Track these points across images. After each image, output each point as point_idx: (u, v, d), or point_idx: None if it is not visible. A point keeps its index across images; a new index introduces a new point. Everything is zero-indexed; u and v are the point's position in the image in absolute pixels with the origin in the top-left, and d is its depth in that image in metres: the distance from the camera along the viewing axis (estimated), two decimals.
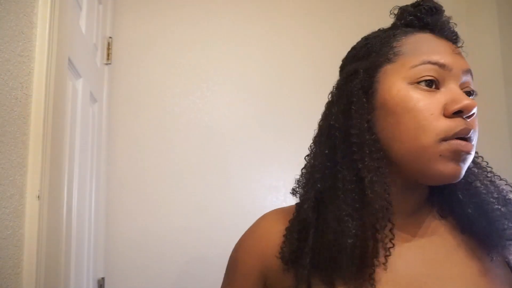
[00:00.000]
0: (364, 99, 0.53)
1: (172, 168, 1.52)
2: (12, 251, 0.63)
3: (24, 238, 0.68)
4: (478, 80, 2.10)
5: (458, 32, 0.59)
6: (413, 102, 0.50)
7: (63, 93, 0.87)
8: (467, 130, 0.49)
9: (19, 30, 0.67)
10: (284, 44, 1.65)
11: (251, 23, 1.67)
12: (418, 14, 0.57)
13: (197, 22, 1.64)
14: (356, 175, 0.51)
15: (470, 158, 0.50)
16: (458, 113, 0.49)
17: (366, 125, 0.51)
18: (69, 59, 0.93)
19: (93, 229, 1.27)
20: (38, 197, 0.70)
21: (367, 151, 0.50)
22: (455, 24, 0.59)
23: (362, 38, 0.61)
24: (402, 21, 0.58)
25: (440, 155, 0.48)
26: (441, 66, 0.51)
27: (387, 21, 0.62)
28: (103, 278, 1.38)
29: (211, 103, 1.59)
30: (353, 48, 0.61)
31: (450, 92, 0.50)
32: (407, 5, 0.59)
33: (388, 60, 0.54)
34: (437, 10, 0.58)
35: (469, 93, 0.53)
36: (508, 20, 1.66)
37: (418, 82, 0.51)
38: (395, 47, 0.54)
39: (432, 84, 0.51)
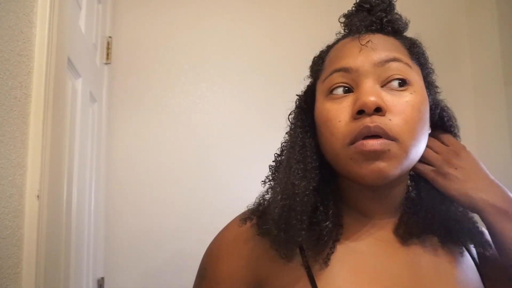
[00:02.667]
0: (305, 119, 0.58)
1: (171, 168, 1.52)
2: (11, 251, 0.63)
3: (24, 238, 0.68)
4: (479, 80, 2.10)
5: (458, 32, 0.59)
6: (325, 113, 0.52)
7: (62, 92, 0.87)
8: (368, 128, 0.47)
9: (19, 30, 0.67)
10: (284, 44, 1.65)
11: (251, 23, 1.66)
12: (346, 20, 0.59)
13: (197, 22, 1.64)
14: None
15: (392, 152, 0.47)
16: (362, 113, 0.48)
17: (305, 142, 0.56)
18: (69, 59, 0.93)
19: (92, 228, 1.27)
20: (38, 196, 0.70)
21: (302, 163, 0.55)
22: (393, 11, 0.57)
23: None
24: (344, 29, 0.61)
25: (351, 159, 0.49)
26: (346, 70, 0.51)
27: None
28: (102, 278, 1.38)
29: (211, 103, 1.59)
30: (312, 60, 0.63)
31: (357, 94, 0.50)
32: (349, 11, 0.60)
33: (318, 78, 0.57)
34: (361, 7, 0.58)
35: (402, 82, 0.50)
36: (508, 20, 1.66)
37: (331, 92, 0.52)
38: (324, 62, 0.57)
39: (344, 89, 0.51)
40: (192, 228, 1.47)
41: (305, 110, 0.59)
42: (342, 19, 0.60)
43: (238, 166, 1.55)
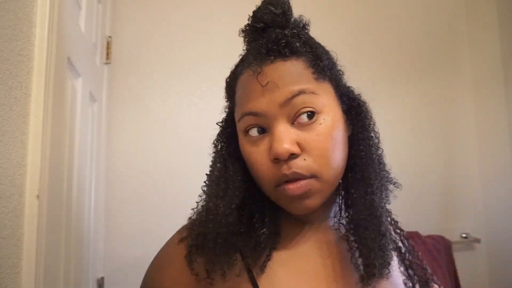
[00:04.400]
0: (229, 143, 0.59)
1: (171, 168, 1.52)
2: (11, 251, 0.63)
3: (24, 238, 0.68)
4: (479, 80, 2.10)
5: (458, 32, 0.58)
6: (248, 156, 0.53)
7: (62, 92, 0.87)
8: (285, 176, 0.49)
9: (19, 29, 0.67)
10: None
11: None
12: (245, 40, 0.59)
13: (197, 22, 1.64)
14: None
15: (313, 189, 0.49)
16: (278, 160, 0.49)
17: (227, 163, 0.57)
18: (69, 59, 0.92)
19: (92, 228, 1.27)
20: (38, 196, 0.70)
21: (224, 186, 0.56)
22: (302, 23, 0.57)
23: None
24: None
25: (279, 199, 0.52)
26: (255, 114, 0.51)
27: (388, 19, 0.62)
28: (102, 278, 1.38)
29: (211, 103, 1.59)
30: (225, 82, 0.62)
31: (271, 137, 0.50)
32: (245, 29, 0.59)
33: (234, 109, 0.57)
34: (255, 28, 0.57)
35: (310, 113, 0.50)
36: (508, 20, 1.66)
37: (247, 132, 0.53)
38: (235, 94, 0.56)
39: (258, 130, 0.51)
40: None
41: (229, 133, 0.60)
42: (241, 34, 0.60)
43: None
